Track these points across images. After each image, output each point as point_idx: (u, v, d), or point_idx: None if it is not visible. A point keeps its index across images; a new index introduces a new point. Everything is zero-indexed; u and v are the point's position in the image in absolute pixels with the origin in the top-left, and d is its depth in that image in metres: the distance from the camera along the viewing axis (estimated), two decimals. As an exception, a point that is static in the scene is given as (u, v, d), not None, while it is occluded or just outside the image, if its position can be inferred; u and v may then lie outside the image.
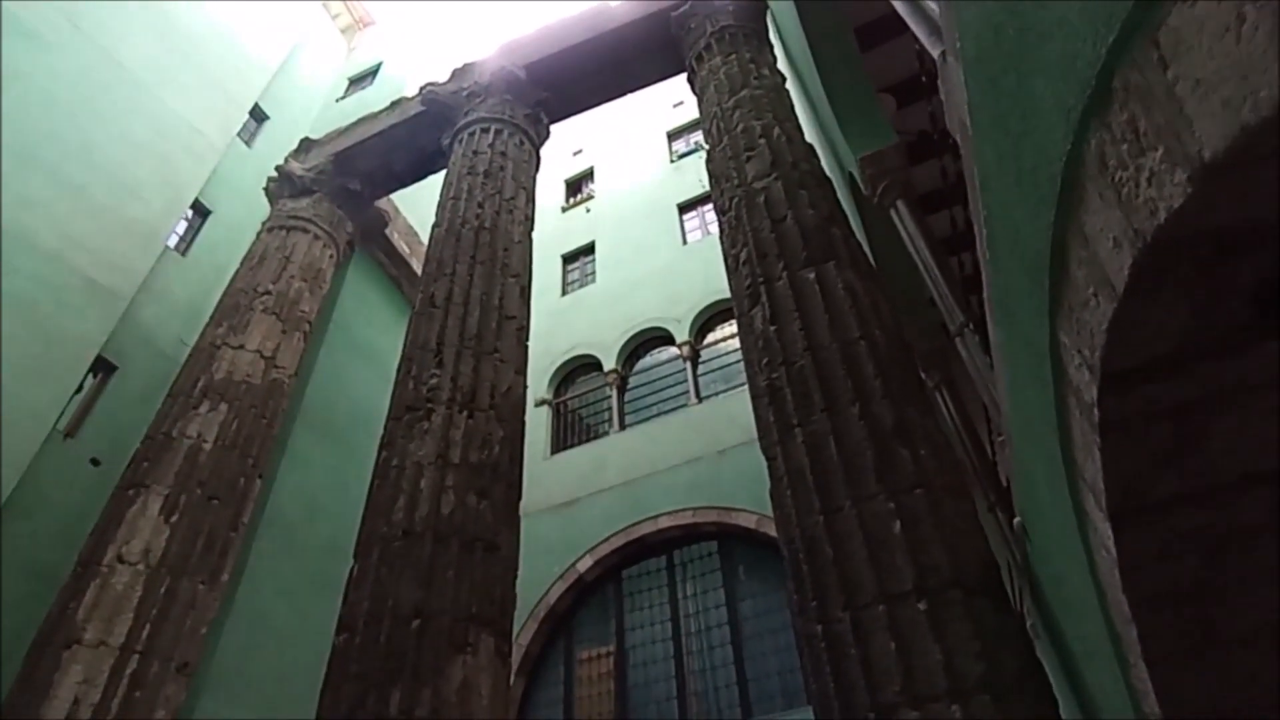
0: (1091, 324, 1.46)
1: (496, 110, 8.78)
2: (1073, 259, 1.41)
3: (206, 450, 7.04)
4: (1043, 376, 2.03)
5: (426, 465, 5.27)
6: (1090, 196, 1.19)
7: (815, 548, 3.79)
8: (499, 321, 6.50)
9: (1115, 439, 1.68)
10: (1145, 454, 1.71)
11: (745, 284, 5.37)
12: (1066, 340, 1.68)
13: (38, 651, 5.68)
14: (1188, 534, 1.87)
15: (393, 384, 6.28)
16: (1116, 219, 1.11)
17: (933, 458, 3.94)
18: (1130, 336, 1.38)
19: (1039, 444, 2.42)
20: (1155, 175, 0.94)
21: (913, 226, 4.57)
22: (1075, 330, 1.58)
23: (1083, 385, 1.68)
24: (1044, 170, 1.36)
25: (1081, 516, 2.16)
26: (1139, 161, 0.98)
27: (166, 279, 10.22)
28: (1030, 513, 3.17)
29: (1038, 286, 1.72)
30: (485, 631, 4.60)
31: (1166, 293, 1.21)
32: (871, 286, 5.01)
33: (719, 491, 9.82)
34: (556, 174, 17.70)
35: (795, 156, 6.02)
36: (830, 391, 4.27)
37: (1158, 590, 1.96)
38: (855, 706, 3.28)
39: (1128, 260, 1.14)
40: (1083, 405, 1.73)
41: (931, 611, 3.31)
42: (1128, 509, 1.86)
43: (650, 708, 8.82)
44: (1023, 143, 1.43)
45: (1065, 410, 1.92)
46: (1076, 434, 1.89)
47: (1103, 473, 1.78)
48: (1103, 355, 1.49)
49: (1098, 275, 1.30)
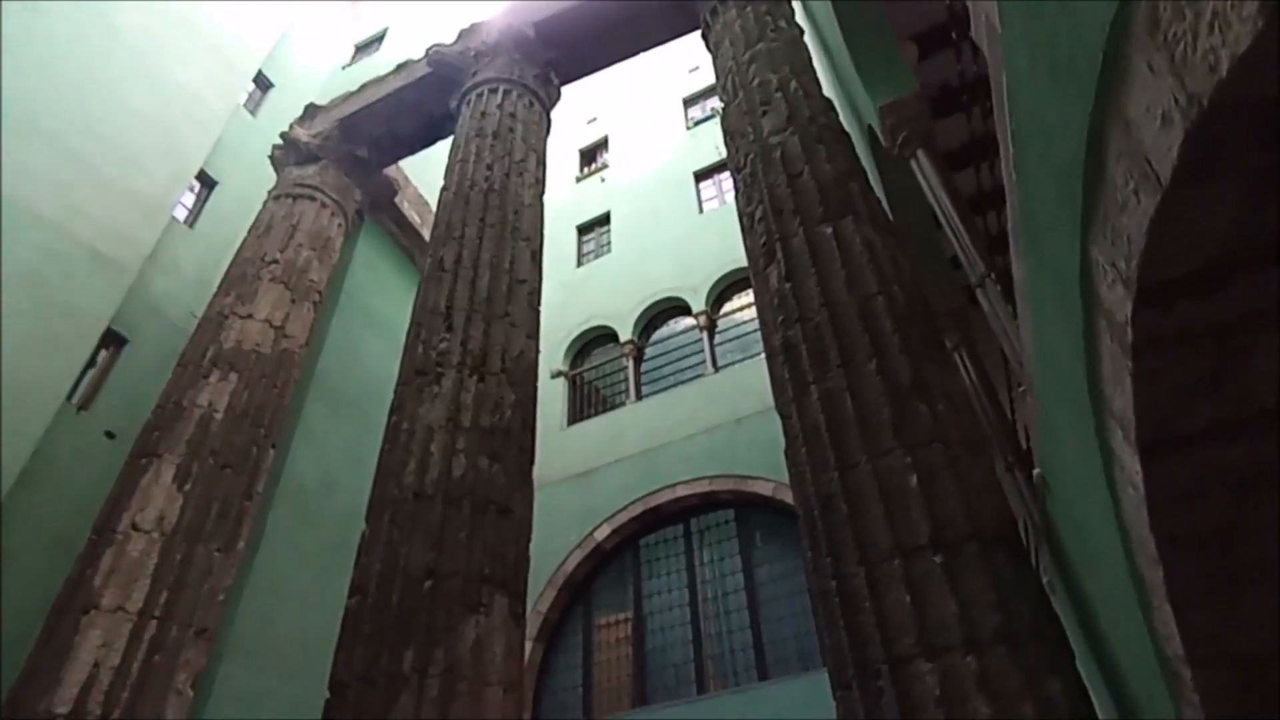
0: (1129, 229, 1.35)
1: (505, 70, 8.61)
2: (1111, 154, 1.29)
3: (218, 419, 7.06)
4: (1071, 305, 1.91)
5: (437, 429, 5.23)
6: (1136, 70, 1.07)
7: (830, 504, 3.70)
8: (510, 285, 6.42)
9: (1149, 363, 1.57)
10: (1180, 380, 1.60)
11: (760, 241, 5.24)
12: (1100, 256, 1.56)
13: (57, 616, 5.75)
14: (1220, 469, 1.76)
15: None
16: (1166, 89, 1.00)
17: (951, 412, 3.83)
18: (1172, 237, 1.27)
19: (1064, 383, 2.30)
20: (1219, 15, 0.83)
21: (934, 177, 4.41)
22: (1110, 241, 1.47)
23: (1115, 305, 1.57)
24: (1082, 54, 1.23)
25: (1107, 456, 2.05)
26: (1198, 5, 0.86)
27: (174, 251, 10.14)
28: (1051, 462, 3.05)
29: (1069, 199, 1.60)
30: (498, 592, 4.57)
31: (1216, 178, 1.09)
32: (890, 242, 4.86)
33: (736, 460, 9.76)
34: (571, 143, 17.48)
35: (812, 110, 5.84)
36: (847, 347, 4.15)
37: (1186, 529, 1.86)
38: (869, 660, 3.22)
39: (1177, 138, 1.02)
40: (1115, 328, 1.62)
41: (947, 564, 3.22)
42: (1159, 442, 1.75)
43: (668, 672, 8.86)
44: (1059, 26, 1.30)
45: (1095, 339, 1.80)
46: (1106, 364, 1.78)
47: (1134, 403, 1.67)
48: (1140, 265, 1.37)
49: (1139, 167, 1.18)
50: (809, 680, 7.51)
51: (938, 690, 3.09)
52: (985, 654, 3.07)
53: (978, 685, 3.05)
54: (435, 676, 4.03)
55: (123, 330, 9.16)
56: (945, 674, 3.10)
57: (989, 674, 3.05)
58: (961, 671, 3.09)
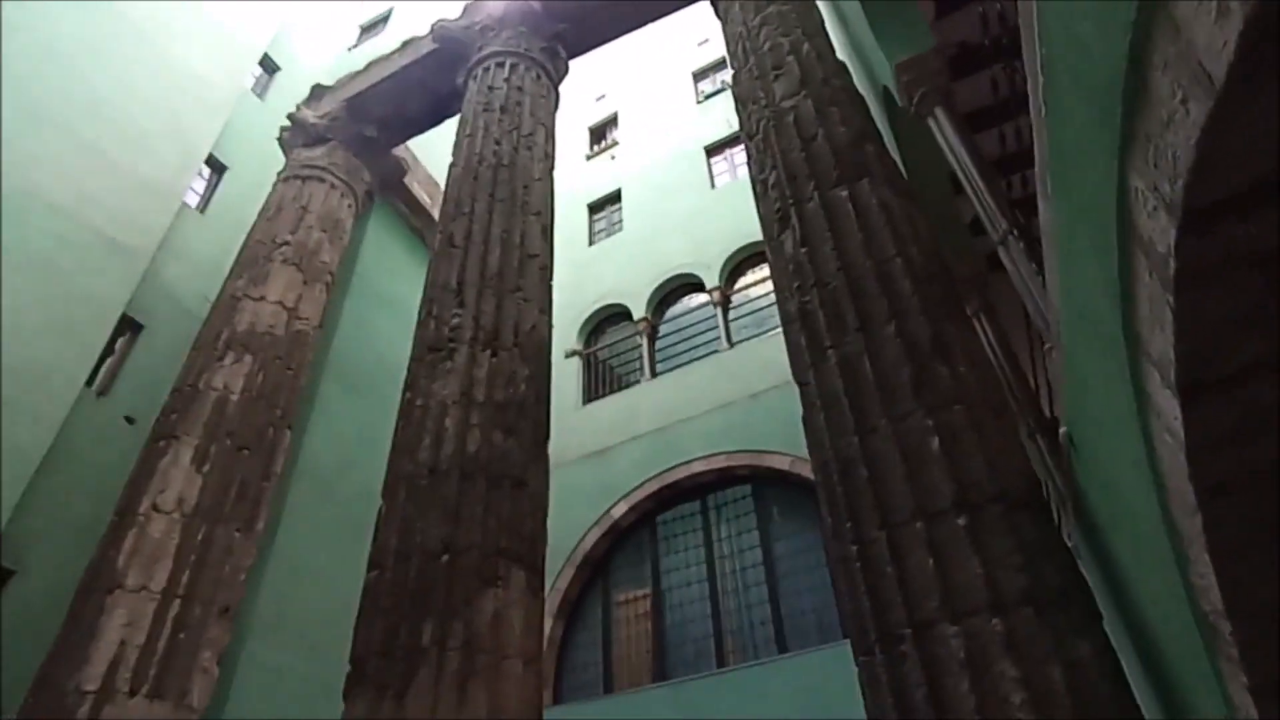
0: (1175, 145, 1.26)
1: (511, 44, 8.50)
2: (1155, 63, 1.20)
3: (233, 401, 7.10)
4: (1105, 244, 1.82)
5: (451, 404, 5.20)
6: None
7: (850, 469, 3.64)
8: (521, 260, 6.36)
9: (1192, 295, 1.49)
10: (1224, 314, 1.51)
11: (774, 208, 5.14)
12: (1139, 183, 1.48)
13: (82, 597, 5.82)
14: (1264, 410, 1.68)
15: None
16: (1221, -27, 0.91)
17: (973, 374, 3.74)
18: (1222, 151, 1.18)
19: (1095, 331, 2.22)
20: None
21: (952, 135, 4.28)
22: (1152, 163, 1.38)
23: (1156, 235, 1.48)
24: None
25: (1142, 403, 1.97)
26: None
27: (187, 237, 10.14)
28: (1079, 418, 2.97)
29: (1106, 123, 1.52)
30: (516, 566, 4.56)
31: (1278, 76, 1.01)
32: (907, 204, 4.74)
33: (752, 435, 9.70)
34: (580, 121, 17.30)
35: (826, 73, 5.70)
36: (864, 311, 4.07)
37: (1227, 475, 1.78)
38: (891, 624, 3.17)
39: (1235, 29, 0.94)
40: (1155, 261, 1.53)
41: (971, 526, 3.15)
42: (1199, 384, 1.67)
43: (687, 646, 8.87)
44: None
45: (1131, 277, 1.72)
46: (1144, 303, 1.70)
47: (1174, 340, 1.59)
48: (1187, 184, 1.29)
49: (1189, 72, 1.10)
50: (828, 652, 7.50)
51: (962, 653, 3.04)
52: (1011, 616, 3.01)
53: (1004, 648, 2.99)
54: (454, 650, 4.03)
55: (139, 316, 9.19)
56: (970, 637, 3.05)
57: (1015, 637, 2.99)
58: (987, 634, 3.03)
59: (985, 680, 2.98)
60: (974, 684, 2.99)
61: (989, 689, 2.97)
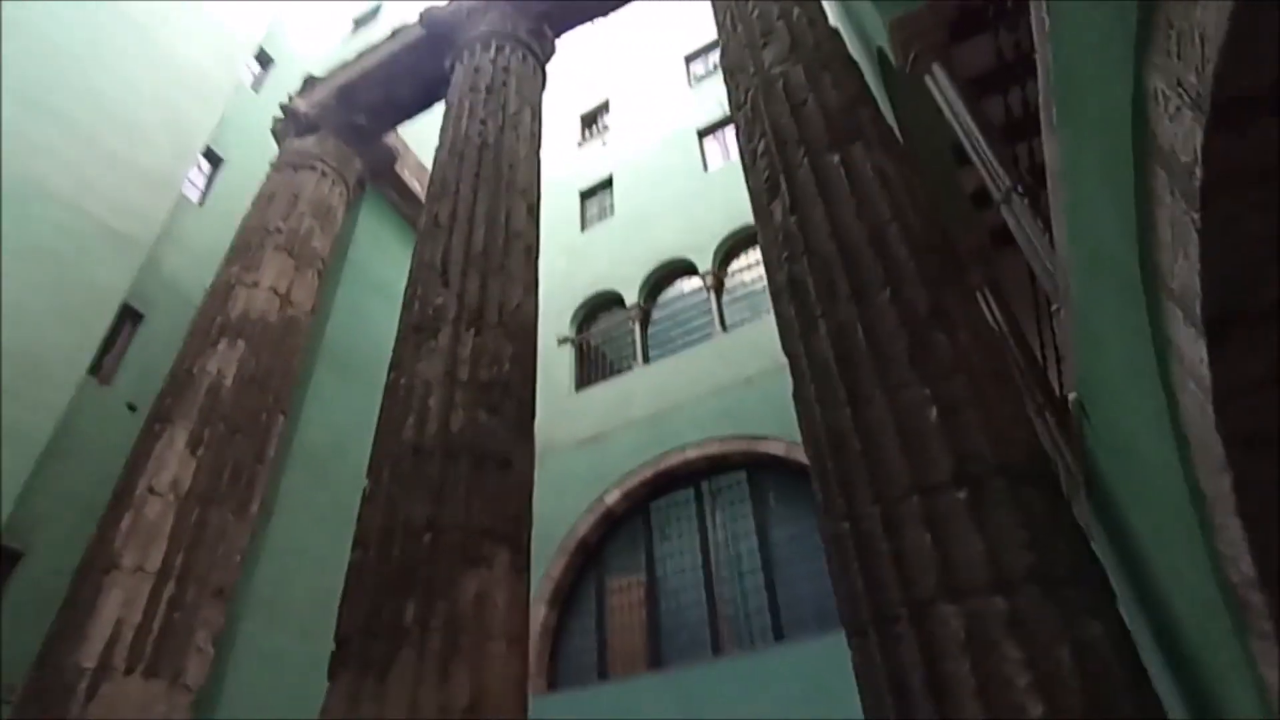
0: (1205, 23, 1.08)
1: (497, 25, 8.32)
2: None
3: (227, 386, 7.18)
4: (1119, 170, 1.64)
5: (435, 383, 5.04)
6: None
7: (842, 442, 3.46)
8: (506, 239, 6.18)
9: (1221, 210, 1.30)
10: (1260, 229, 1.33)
11: (764, 177, 4.94)
12: (1159, 82, 1.29)
13: (81, 576, 5.92)
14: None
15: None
16: None
17: (974, 343, 3.56)
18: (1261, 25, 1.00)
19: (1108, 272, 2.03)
20: None
21: (950, 91, 4.08)
22: (1176, 53, 1.20)
23: (1179, 141, 1.30)
24: None
25: (1163, 349, 1.79)
26: None
27: (186, 229, 10.17)
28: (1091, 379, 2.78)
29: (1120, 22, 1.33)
30: (500, 546, 4.41)
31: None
32: (904, 169, 4.55)
33: (747, 420, 9.53)
34: (571, 109, 17.10)
35: (817, 37, 5.50)
36: (858, 278, 3.88)
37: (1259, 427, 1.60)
38: (886, 605, 2.99)
39: None
40: (1177, 173, 1.35)
41: (972, 500, 2.98)
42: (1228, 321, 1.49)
43: (682, 634, 8.73)
44: None
45: (1150, 197, 1.54)
46: (1164, 226, 1.51)
47: (1200, 266, 1.41)
48: (1217, 72, 1.10)
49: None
50: (826, 641, 7.34)
51: (963, 634, 2.86)
52: (1016, 595, 2.83)
53: (1007, 628, 2.82)
54: (437, 630, 3.90)
55: (140, 306, 9.27)
56: (971, 617, 2.87)
57: (1020, 616, 2.82)
58: (989, 614, 2.85)
59: (987, 662, 2.81)
60: (975, 666, 2.82)
61: (991, 672, 2.79)
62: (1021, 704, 2.68)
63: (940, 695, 2.84)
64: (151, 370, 8.79)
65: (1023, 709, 2.67)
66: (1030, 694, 2.68)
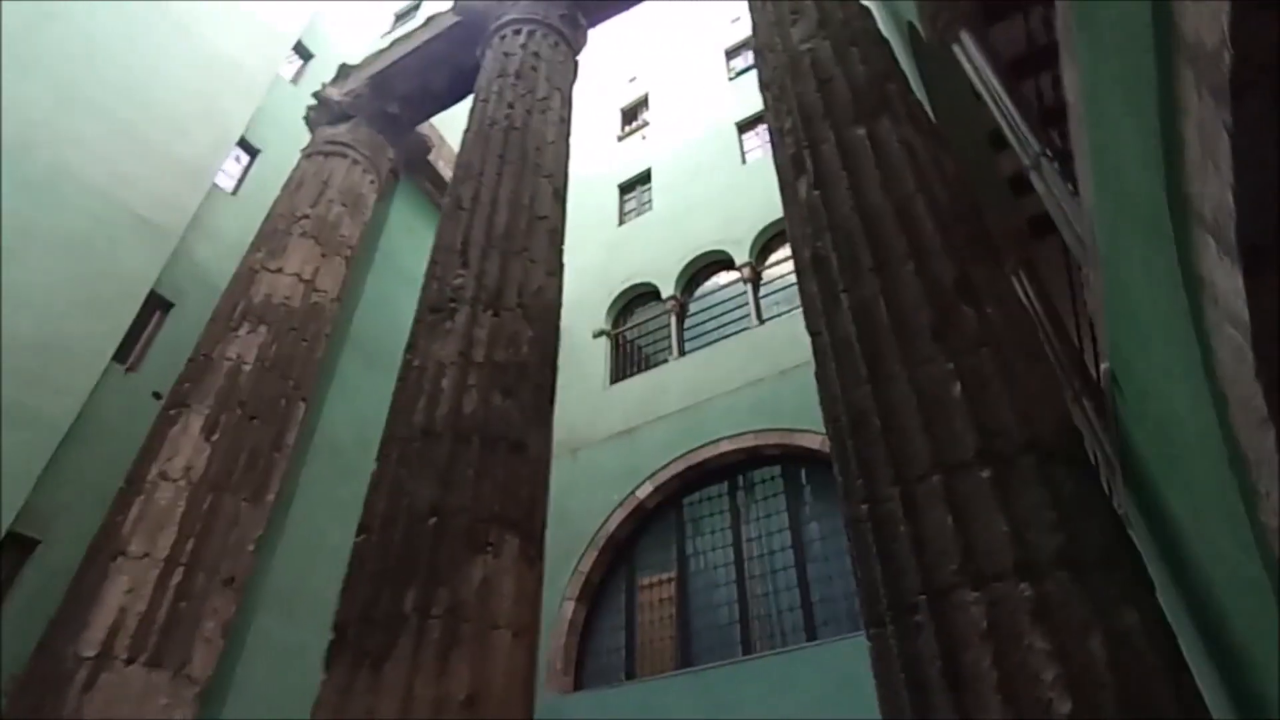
0: None
1: (528, 11, 8.26)
2: None
3: (246, 371, 7.04)
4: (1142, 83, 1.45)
5: (448, 364, 4.97)
6: None
7: (862, 421, 3.27)
8: (529, 221, 6.10)
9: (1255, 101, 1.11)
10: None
11: (790, 154, 4.76)
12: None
13: (88, 562, 5.78)
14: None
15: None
16: None
17: (1002, 316, 3.33)
18: None
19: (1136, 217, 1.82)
20: None
21: (979, 59, 3.85)
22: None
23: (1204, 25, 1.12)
24: None
25: (1195, 293, 1.58)
26: None
27: (218, 218, 10.27)
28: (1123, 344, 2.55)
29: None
30: (509, 532, 4.29)
31: None
32: (932, 144, 4.32)
33: (782, 413, 9.30)
34: (612, 103, 17.08)
35: (846, 14, 5.30)
36: (881, 251, 3.68)
37: (1310, 373, 1.39)
38: (905, 592, 2.79)
39: None
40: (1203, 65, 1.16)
41: (996, 480, 2.76)
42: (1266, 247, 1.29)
43: (712, 633, 8.54)
44: None
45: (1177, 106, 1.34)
46: (1192, 139, 1.32)
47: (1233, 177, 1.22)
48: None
49: None
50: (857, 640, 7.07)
51: (985, 623, 2.65)
52: (1044, 581, 2.61)
53: (1034, 617, 2.59)
54: (437, 618, 3.78)
55: (169, 295, 9.34)
56: (994, 604, 2.66)
57: (1048, 603, 2.59)
58: (1014, 601, 2.64)
59: (1011, 654, 2.59)
60: (998, 658, 2.60)
61: (1016, 664, 2.57)
62: (1048, 699, 2.46)
63: (960, 689, 2.63)
64: (179, 359, 8.69)
65: (1050, 705, 2.45)
66: (1058, 688, 2.45)
